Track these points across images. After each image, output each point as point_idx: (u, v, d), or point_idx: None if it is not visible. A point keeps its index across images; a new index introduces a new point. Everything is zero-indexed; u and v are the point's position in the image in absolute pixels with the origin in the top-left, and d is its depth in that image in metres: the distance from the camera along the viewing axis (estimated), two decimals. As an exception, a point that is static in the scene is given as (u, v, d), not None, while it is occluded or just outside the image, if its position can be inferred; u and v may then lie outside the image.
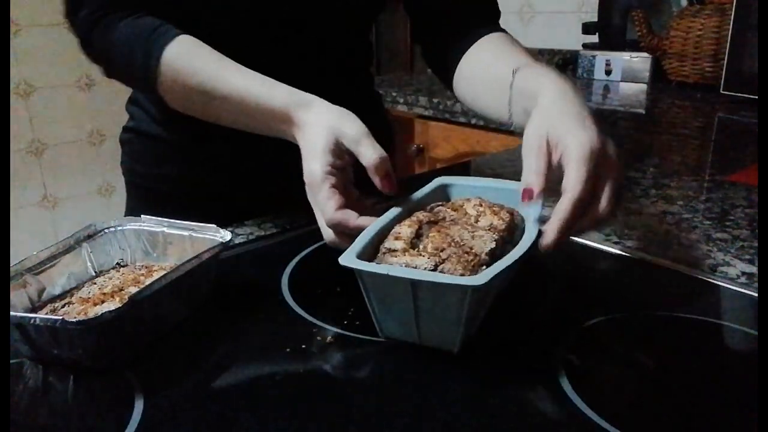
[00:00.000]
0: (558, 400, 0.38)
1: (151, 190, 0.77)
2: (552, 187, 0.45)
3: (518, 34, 0.69)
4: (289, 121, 0.53)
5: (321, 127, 0.51)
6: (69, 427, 0.37)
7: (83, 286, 0.49)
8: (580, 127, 0.46)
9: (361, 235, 0.45)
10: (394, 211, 0.49)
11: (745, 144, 1.03)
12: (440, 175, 0.59)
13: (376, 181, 0.49)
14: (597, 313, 0.48)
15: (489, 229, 0.46)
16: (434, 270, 0.41)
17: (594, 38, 1.84)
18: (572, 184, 0.43)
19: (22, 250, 0.54)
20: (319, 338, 0.45)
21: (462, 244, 0.43)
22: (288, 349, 0.44)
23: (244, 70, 0.57)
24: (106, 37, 0.60)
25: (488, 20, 0.72)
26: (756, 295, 0.50)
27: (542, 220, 0.45)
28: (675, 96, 1.50)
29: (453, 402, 0.38)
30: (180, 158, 0.74)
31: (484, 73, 0.65)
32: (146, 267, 0.52)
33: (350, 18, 0.73)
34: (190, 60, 0.58)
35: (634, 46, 1.67)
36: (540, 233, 0.44)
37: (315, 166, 0.49)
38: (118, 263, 0.54)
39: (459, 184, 0.57)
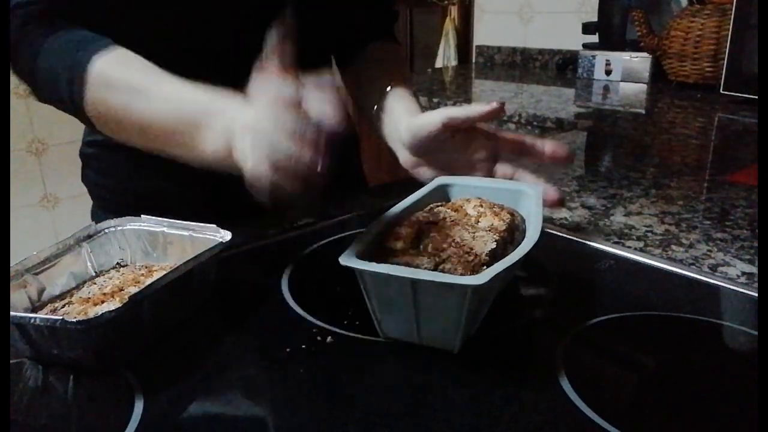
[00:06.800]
0: (558, 400, 0.38)
1: (123, 205, 0.72)
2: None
3: (518, 34, 0.71)
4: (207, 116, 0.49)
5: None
6: (69, 427, 0.37)
7: (83, 286, 0.49)
8: None
9: (360, 235, 0.45)
10: (394, 211, 0.49)
11: (745, 144, 1.03)
12: (440, 175, 0.59)
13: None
14: (597, 313, 0.48)
15: (489, 230, 0.46)
16: (434, 270, 0.41)
17: (594, 38, 1.84)
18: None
19: (22, 250, 0.54)
20: (319, 338, 0.45)
21: (462, 244, 0.43)
22: (288, 349, 0.44)
23: (173, 81, 0.52)
24: (32, 48, 0.55)
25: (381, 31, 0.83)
26: (756, 295, 0.50)
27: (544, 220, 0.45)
28: (675, 96, 1.50)
29: (453, 402, 0.38)
30: (157, 168, 0.70)
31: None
32: (146, 267, 0.52)
33: (316, 27, 0.72)
34: (120, 70, 0.53)
35: (634, 46, 1.67)
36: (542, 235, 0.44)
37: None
38: (118, 263, 0.54)
39: (459, 184, 0.57)
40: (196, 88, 0.52)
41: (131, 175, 0.73)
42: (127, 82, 0.54)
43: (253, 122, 0.45)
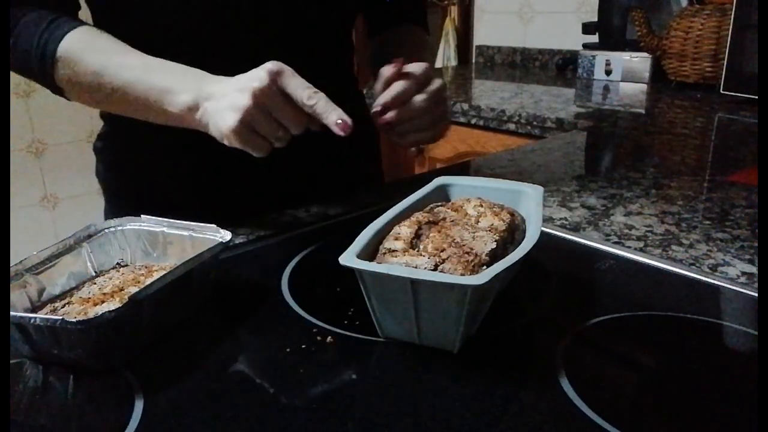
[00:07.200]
0: (558, 400, 0.38)
1: (136, 200, 0.74)
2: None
3: (518, 34, 0.71)
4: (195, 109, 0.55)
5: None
6: (69, 427, 0.37)
7: (83, 286, 0.49)
8: None
9: (360, 235, 0.45)
10: (394, 211, 0.49)
11: (745, 144, 1.03)
12: (440, 175, 0.59)
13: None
14: (597, 313, 0.48)
15: (489, 230, 0.46)
16: (434, 270, 0.41)
17: (594, 38, 1.84)
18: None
19: (22, 250, 0.54)
20: (319, 338, 0.45)
21: (462, 244, 0.43)
22: (288, 349, 0.44)
23: (141, 58, 0.58)
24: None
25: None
26: (756, 295, 0.50)
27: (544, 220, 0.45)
28: (675, 96, 1.50)
29: (453, 402, 0.38)
30: (169, 164, 0.72)
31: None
32: (146, 267, 0.52)
33: (323, 19, 0.72)
34: (88, 49, 0.58)
35: (634, 46, 1.67)
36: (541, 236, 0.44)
37: (267, 66, 0.52)
38: (118, 263, 0.54)
39: (459, 184, 0.57)
40: (160, 59, 0.58)
41: (136, 171, 0.74)
42: (97, 56, 0.58)
43: (234, 87, 0.53)
